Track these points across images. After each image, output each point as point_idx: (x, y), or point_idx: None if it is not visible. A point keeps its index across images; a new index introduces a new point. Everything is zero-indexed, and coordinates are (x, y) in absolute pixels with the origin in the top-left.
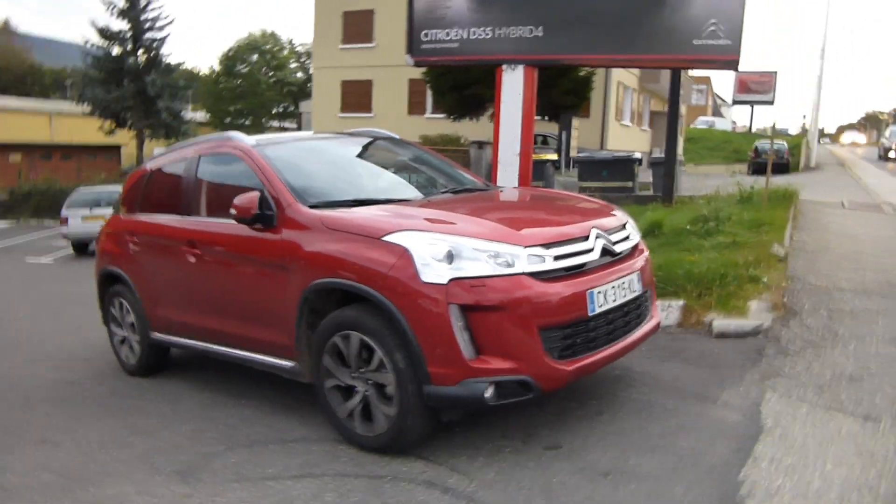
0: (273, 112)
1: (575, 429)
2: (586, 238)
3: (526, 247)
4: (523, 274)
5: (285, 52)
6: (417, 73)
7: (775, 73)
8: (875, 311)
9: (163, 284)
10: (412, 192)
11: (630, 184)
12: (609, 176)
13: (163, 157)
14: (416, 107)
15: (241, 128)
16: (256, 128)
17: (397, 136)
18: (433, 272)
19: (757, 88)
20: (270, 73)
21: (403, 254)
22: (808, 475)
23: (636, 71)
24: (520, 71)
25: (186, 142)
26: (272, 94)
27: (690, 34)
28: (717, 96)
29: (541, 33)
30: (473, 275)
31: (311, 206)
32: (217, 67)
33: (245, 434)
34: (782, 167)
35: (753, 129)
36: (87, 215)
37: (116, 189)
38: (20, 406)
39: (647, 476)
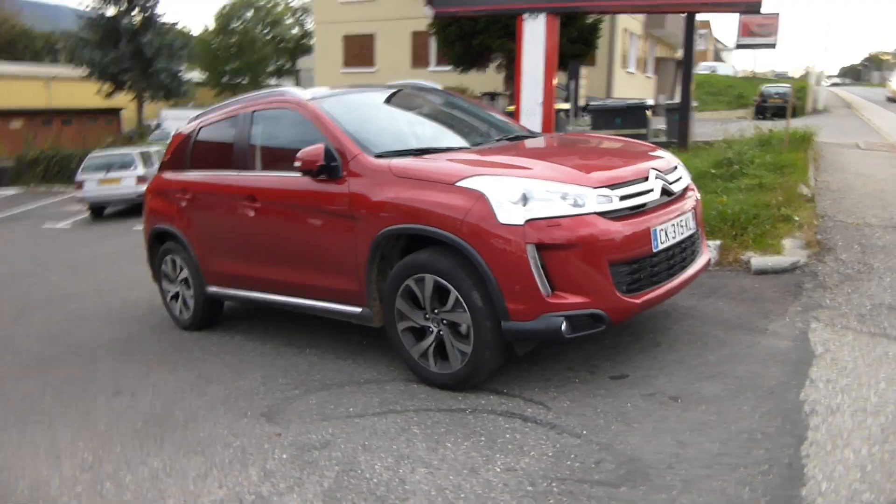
0: (270, 69)
1: (636, 360)
2: (646, 179)
3: (594, 188)
4: (593, 213)
5: (280, 8)
6: (420, 25)
7: (777, 14)
8: None
9: (219, 239)
10: (469, 140)
11: (644, 130)
12: (622, 123)
13: (207, 115)
14: (419, 60)
15: (239, 86)
16: (254, 86)
17: (440, 87)
18: (509, 214)
19: (759, 31)
20: (266, 30)
21: (480, 197)
22: (864, 393)
23: (641, 17)
24: (542, 19)
25: (232, 100)
26: (268, 50)
27: None
28: (718, 41)
29: None
30: (547, 215)
31: (377, 156)
32: (211, 26)
33: (317, 378)
34: (784, 110)
35: (759, 73)
36: (103, 178)
37: (128, 152)
38: (88, 361)
39: (714, 398)
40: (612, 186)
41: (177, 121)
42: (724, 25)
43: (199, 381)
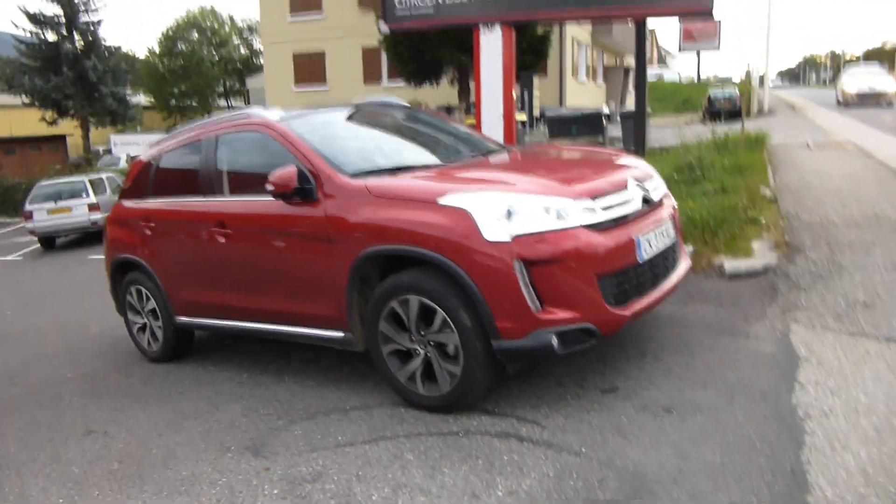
0: (219, 91)
1: (624, 371)
2: (626, 188)
3: (577, 199)
4: (578, 226)
5: (227, 29)
6: (371, 41)
7: (719, 21)
8: (869, 242)
9: (188, 268)
10: (442, 157)
11: (600, 138)
12: (578, 131)
13: (168, 141)
14: (371, 76)
15: (188, 109)
16: (203, 108)
17: (406, 104)
18: (495, 230)
19: (701, 36)
20: (213, 52)
21: (463, 215)
22: (853, 393)
23: (588, 26)
24: (497, 30)
25: (194, 124)
26: (216, 72)
27: None
28: (661, 48)
29: None
30: (534, 230)
31: (352, 176)
32: (156, 48)
33: (300, 407)
34: (736, 113)
35: (701, 78)
36: (52, 208)
37: (78, 180)
38: (52, 402)
39: (708, 408)
40: (595, 197)
41: (127, 146)
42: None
43: (175, 416)
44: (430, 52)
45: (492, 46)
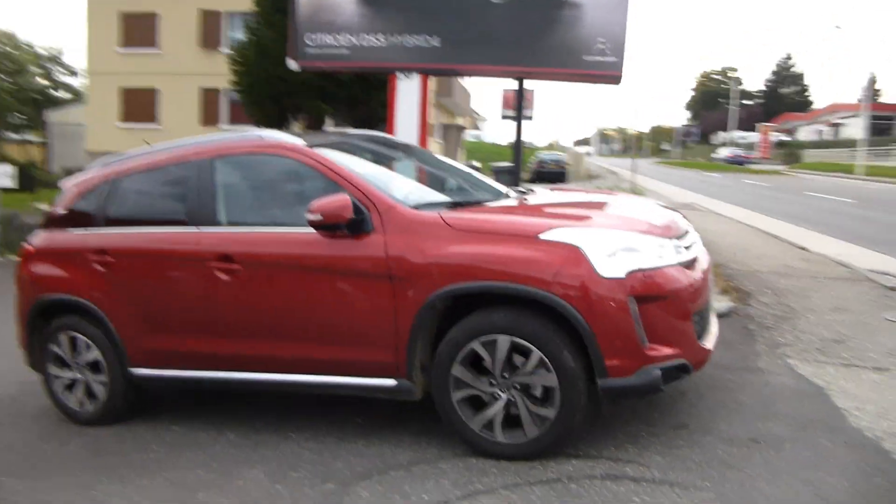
0: (13, 123)
1: (677, 409)
2: (688, 231)
3: (671, 238)
4: (676, 264)
5: (25, 56)
6: (209, 81)
7: (533, 91)
8: (802, 288)
9: (163, 310)
10: (485, 194)
11: None
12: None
13: (130, 161)
14: (209, 117)
15: None
16: None
17: (394, 137)
18: (611, 267)
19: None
20: (6, 79)
21: (573, 251)
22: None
23: (433, 86)
24: (416, 78)
25: (170, 144)
26: (12, 102)
27: (581, 51)
28: (475, 111)
29: (437, 44)
30: (643, 267)
31: (416, 208)
32: None
33: (340, 467)
34: (561, 175)
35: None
36: None
37: None
38: None
39: (789, 437)
40: (679, 237)
41: None
42: (477, 98)
43: (176, 489)
44: (290, 99)
45: (409, 94)
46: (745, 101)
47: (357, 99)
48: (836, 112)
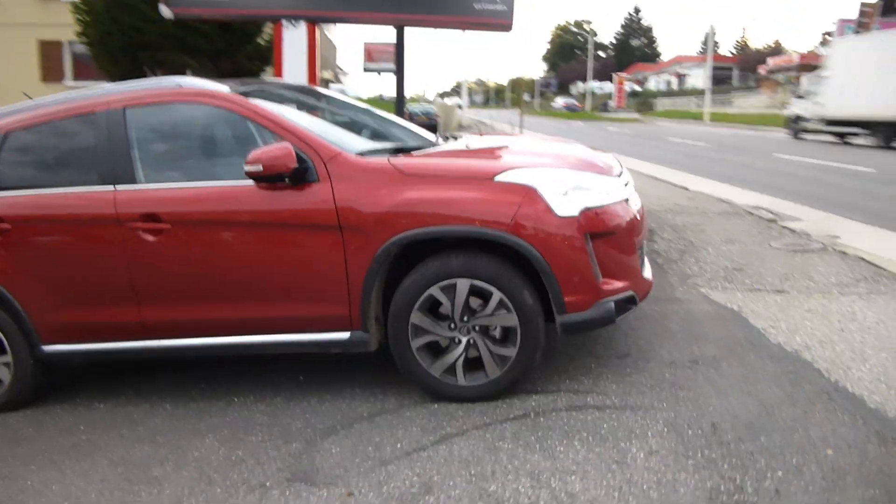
0: None
1: (615, 340)
2: (623, 170)
3: (616, 176)
4: (622, 201)
5: None
6: (48, 33)
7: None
8: (695, 223)
9: (77, 280)
10: (420, 140)
11: None
12: None
13: (16, 115)
14: (51, 73)
15: None
16: None
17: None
18: (565, 205)
19: (382, 57)
20: None
21: (530, 191)
22: (809, 330)
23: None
24: (303, 26)
25: (69, 95)
26: None
27: None
28: (338, 66)
29: None
30: (595, 205)
31: (362, 155)
32: None
33: (299, 427)
34: (432, 129)
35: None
36: None
37: None
38: None
39: (724, 357)
40: (619, 175)
41: None
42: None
43: (126, 468)
44: (148, 52)
45: (296, 44)
46: (598, 53)
47: (221, 52)
48: (681, 63)
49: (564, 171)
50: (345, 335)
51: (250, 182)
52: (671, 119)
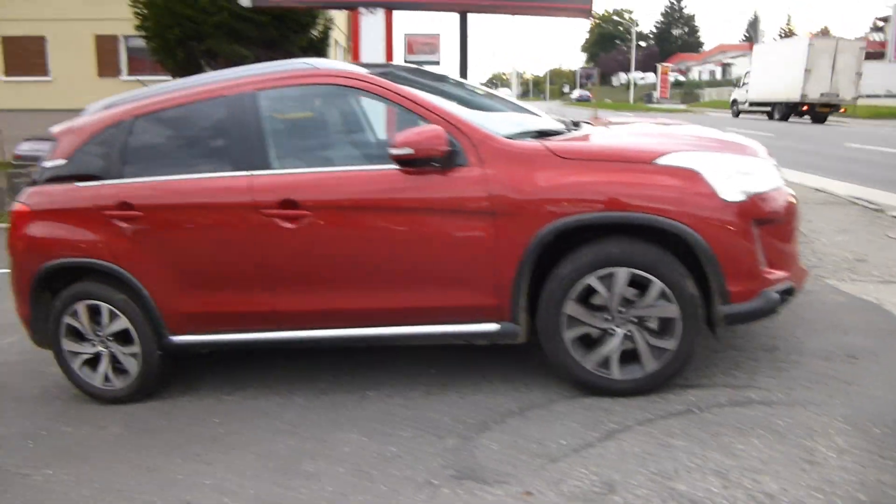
0: None
1: (753, 333)
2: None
3: (771, 161)
4: (780, 187)
5: None
6: (105, 28)
7: (439, 35)
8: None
9: (208, 267)
10: (560, 125)
11: None
12: None
13: (143, 100)
14: (107, 68)
15: None
16: None
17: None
18: (731, 190)
19: (423, 49)
20: None
21: (694, 175)
22: None
23: (345, 29)
24: (380, 14)
25: (197, 79)
26: None
27: None
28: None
29: None
30: (759, 190)
31: (512, 139)
32: None
33: (447, 422)
34: None
35: None
36: None
37: None
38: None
39: (877, 351)
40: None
41: None
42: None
43: (272, 461)
44: (205, 43)
45: (374, 30)
46: (639, 43)
47: (275, 42)
48: (725, 52)
49: (727, 155)
50: (494, 326)
51: (394, 166)
52: (720, 109)
